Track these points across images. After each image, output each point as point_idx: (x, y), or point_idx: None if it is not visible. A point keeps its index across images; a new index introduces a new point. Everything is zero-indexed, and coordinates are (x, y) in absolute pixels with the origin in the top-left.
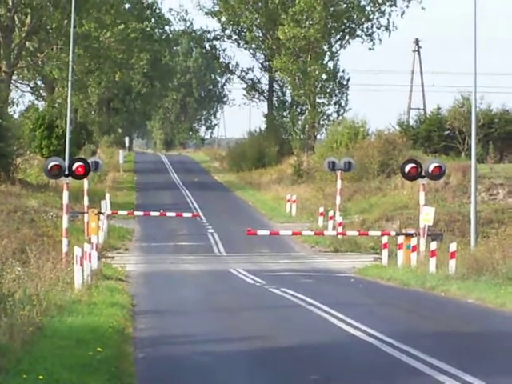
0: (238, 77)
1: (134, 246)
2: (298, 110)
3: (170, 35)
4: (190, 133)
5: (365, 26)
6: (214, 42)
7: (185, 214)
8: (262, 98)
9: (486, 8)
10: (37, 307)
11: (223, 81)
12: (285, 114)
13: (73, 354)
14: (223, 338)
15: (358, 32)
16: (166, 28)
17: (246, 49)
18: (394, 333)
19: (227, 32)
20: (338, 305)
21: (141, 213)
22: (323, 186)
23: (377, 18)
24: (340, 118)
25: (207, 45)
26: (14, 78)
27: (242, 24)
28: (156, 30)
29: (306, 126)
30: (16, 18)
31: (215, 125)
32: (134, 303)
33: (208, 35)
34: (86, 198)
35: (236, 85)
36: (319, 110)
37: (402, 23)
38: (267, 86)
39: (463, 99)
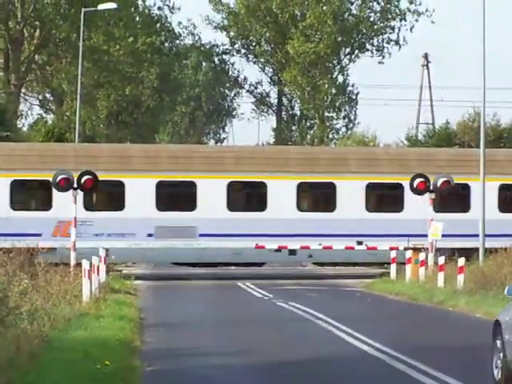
0: (247, 91)
1: None
2: (307, 124)
3: (180, 49)
4: None
5: (374, 40)
6: (223, 56)
7: None
8: (270, 111)
9: (496, 23)
10: (44, 320)
11: (232, 95)
12: (294, 127)
13: (80, 366)
14: (231, 352)
15: (368, 46)
16: (176, 42)
17: (255, 63)
18: (403, 348)
19: (236, 46)
20: (345, 319)
21: None
22: None
23: (386, 33)
24: (349, 132)
25: (216, 59)
26: (23, 90)
27: (251, 38)
28: (165, 44)
29: (315, 140)
30: (25, 31)
31: (224, 138)
32: (141, 316)
33: (217, 49)
34: None
35: (245, 99)
36: (328, 124)
37: (412, 37)
38: (276, 100)
39: (475, 114)
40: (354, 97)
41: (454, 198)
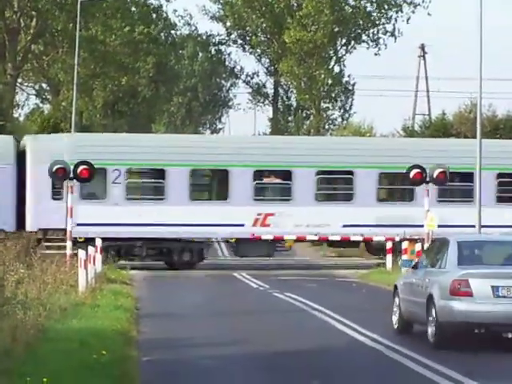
0: (244, 81)
1: None
2: (304, 114)
3: (176, 39)
4: None
5: (370, 31)
6: (220, 47)
7: None
8: (267, 102)
9: (493, 14)
10: (40, 310)
11: (228, 85)
12: (290, 118)
13: (77, 356)
14: (227, 342)
15: (364, 37)
16: (172, 32)
17: (251, 53)
18: (399, 339)
19: (232, 36)
20: (342, 310)
21: None
22: None
23: (382, 24)
24: (345, 122)
25: (213, 49)
26: (20, 80)
27: (247, 28)
28: (162, 34)
29: (311, 131)
30: (22, 20)
31: (220, 129)
32: (138, 306)
33: (213, 40)
34: None
35: (241, 89)
36: (324, 114)
37: (408, 28)
38: (272, 91)
39: (471, 104)
40: (350, 87)
41: None
